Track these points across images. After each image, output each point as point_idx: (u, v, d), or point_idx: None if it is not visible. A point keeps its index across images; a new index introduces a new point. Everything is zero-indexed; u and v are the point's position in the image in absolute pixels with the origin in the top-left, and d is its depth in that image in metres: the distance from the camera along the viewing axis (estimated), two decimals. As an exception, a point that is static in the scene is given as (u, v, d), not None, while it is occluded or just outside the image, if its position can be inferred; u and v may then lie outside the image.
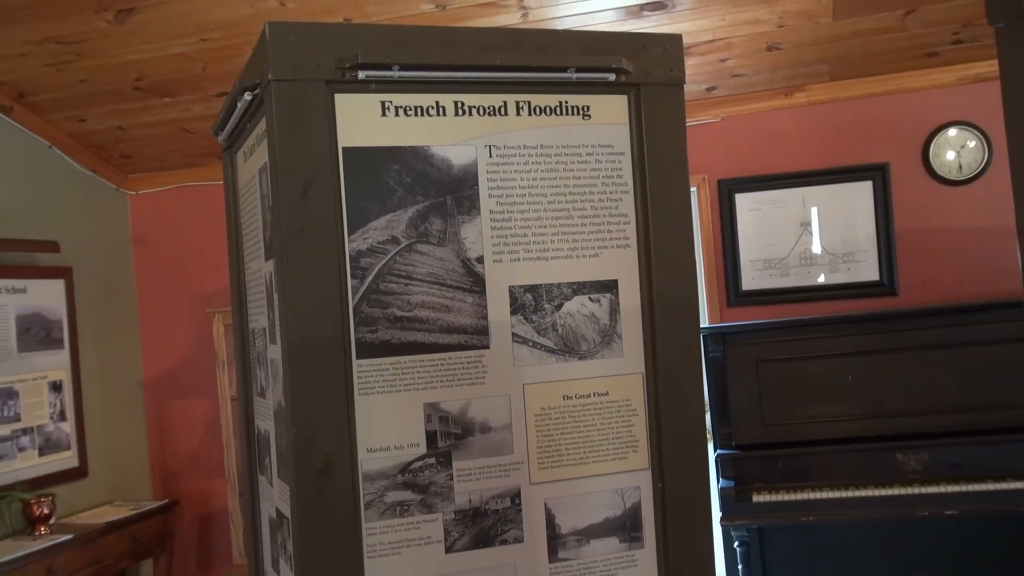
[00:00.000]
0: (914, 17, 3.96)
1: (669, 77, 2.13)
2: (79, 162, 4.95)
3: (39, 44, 3.98)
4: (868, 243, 4.50)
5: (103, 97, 4.44)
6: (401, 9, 3.78)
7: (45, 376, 4.58)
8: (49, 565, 4.02)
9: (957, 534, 3.92)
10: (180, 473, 5.22)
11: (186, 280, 5.20)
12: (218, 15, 3.80)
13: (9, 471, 4.31)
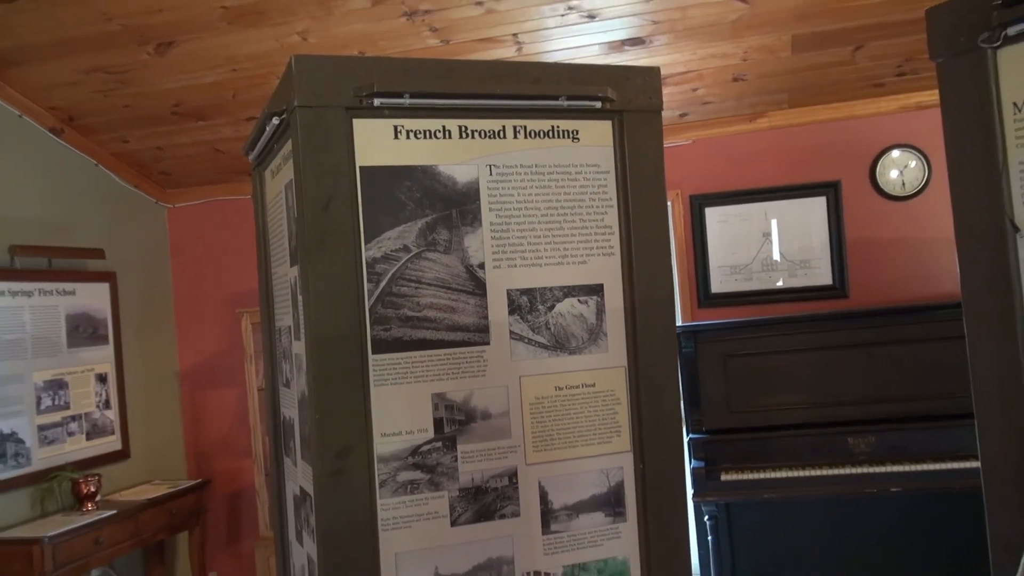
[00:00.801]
0: (863, 52, 3.96)
1: (649, 105, 2.13)
2: (122, 178, 4.93)
3: (88, 74, 3.97)
4: (822, 251, 4.50)
5: (144, 121, 4.43)
6: (409, 43, 3.78)
7: (92, 369, 4.56)
8: (96, 537, 4.01)
9: (900, 508, 3.91)
10: (212, 455, 5.20)
11: (217, 283, 5.18)
12: (247, 48, 3.79)
13: (60, 454, 4.30)
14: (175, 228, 5.30)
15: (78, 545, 3.91)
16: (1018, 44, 1.75)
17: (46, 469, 4.18)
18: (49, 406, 4.28)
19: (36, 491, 4.14)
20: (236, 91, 4.14)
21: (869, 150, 4.47)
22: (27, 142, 4.27)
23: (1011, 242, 1.78)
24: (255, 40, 3.72)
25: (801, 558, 4.03)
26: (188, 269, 5.25)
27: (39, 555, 3.70)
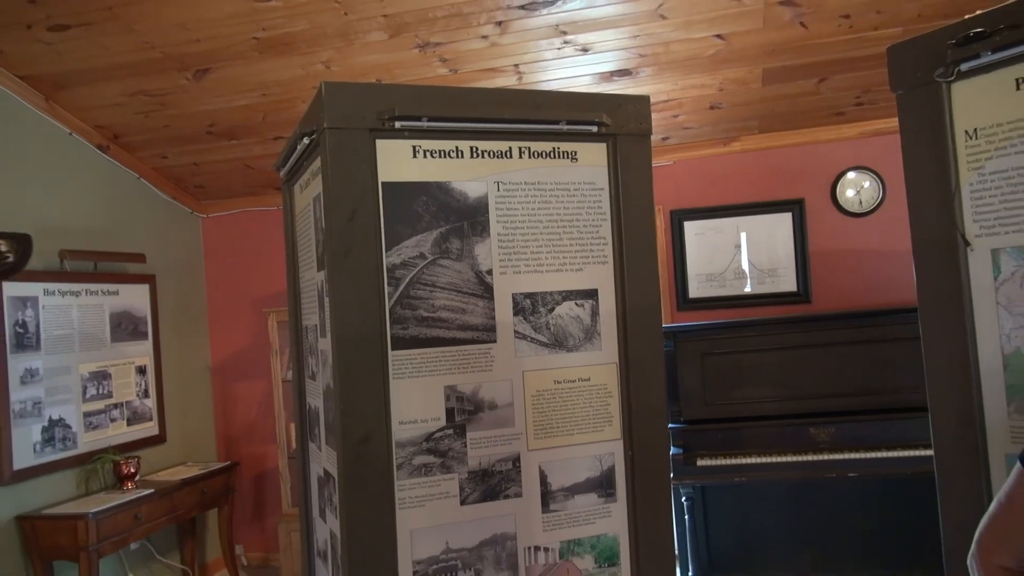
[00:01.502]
0: (826, 84, 3.98)
1: (639, 129, 2.13)
2: (161, 190, 4.92)
3: (131, 96, 3.96)
4: (788, 261, 4.50)
5: (182, 139, 4.41)
6: (421, 72, 3.77)
7: (132, 361, 4.54)
8: (135, 513, 3.98)
9: (857, 491, 3.90)
10: (239, 440, 5.18)
11: (246, 286, 5.17)
12: (275, 75, 3.78)
13: (103, 438, 4.27)
14: (208, 236, 5.29)
15: (119, 521, 3.89)
16: (970, 79, 1.76)
17: (90, 452, 4.16)
18: (94, 395, 4.25)
19: (81, 472, 4.12)
20: (265, 113, 4.14)
21: (830, 171, 4.47)
22: (76, 157, 4.26)
23: (962, 255, 1.78)
24: (283, 68, 3.72)
25: (769, 535, 4.02)
26: (220, 273, 5.24)
27: (84, 529, 3.68)
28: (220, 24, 3.36)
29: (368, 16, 3.35)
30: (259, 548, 5.19)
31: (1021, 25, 1.65)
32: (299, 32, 3.44)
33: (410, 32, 3.46)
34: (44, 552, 3.73)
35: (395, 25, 3.41)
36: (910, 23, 3.40)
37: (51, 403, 3.98)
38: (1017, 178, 1.69)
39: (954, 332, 1.78)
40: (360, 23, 3.39)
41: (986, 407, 1.75)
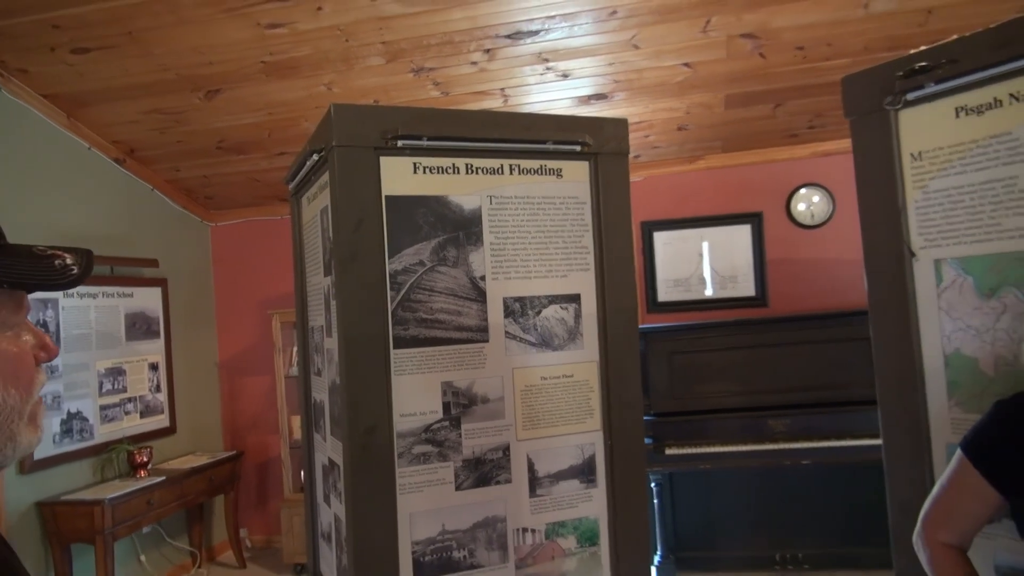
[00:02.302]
0: (782, 109, 4.03)
1: (618, 149, 2.15)
2: (174, 201, 4.88)
3: (147, 114, 3.93)
4: (747, 269, 4.54)
5: (193, 154, 4.39)
6: (416, 94, 3.78)
7: (145, 359, 4.50)
8: (148, 499, 3.95)
9: (810, 477, 3.95)
10: (244, 431, 5.15)
11: (252, 289, 5.14)
12: (281, 96, 3.77)
13: (118, 429, 4.23)
14: (217, 243, 5.25)
15: (133, 506, 3.86)
16: (915, 107, 1.79)
17: (106, 442, 4.12)
18: (109, 390, 4.21)
19: (97, 461, 4.07)
20: (271, 131, 4.12)
21: (785, 187, 4.52)
22: (95, 170, 4.22)
23: (908, 265, 1.81)
24: (288, 89, 3.71)
25: (730, 517, 4.06)
26: (227, 277, 5.20)
27: (100, 514, 3.65)
28: (231, 49, 3.35)
29: (367, 43, 3.35)
30: (262, 531, 5.15)
31: (959, 61, 1.69)
32: (303, 56, 3.44)
33: (406, 58, 3.47)
34: (63, 536, 3.69)
35: (392, 51, 3.41)
36: (857, 55, 3.45)
37: (70, 397, 3.94)
38: (956, 196, 1.73)
39: (901, 334, 1.81)
40: (360, 49, 3.39)
41: (929, 401, 1.78)
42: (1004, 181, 1.64)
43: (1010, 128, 1.62)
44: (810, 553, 3.92)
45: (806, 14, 3.17)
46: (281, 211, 5.10)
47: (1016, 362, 1.55)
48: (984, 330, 1.68)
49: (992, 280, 1.66)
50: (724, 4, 3.11)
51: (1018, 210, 1.62)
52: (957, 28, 3.05)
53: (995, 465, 1.42)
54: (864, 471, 3.71)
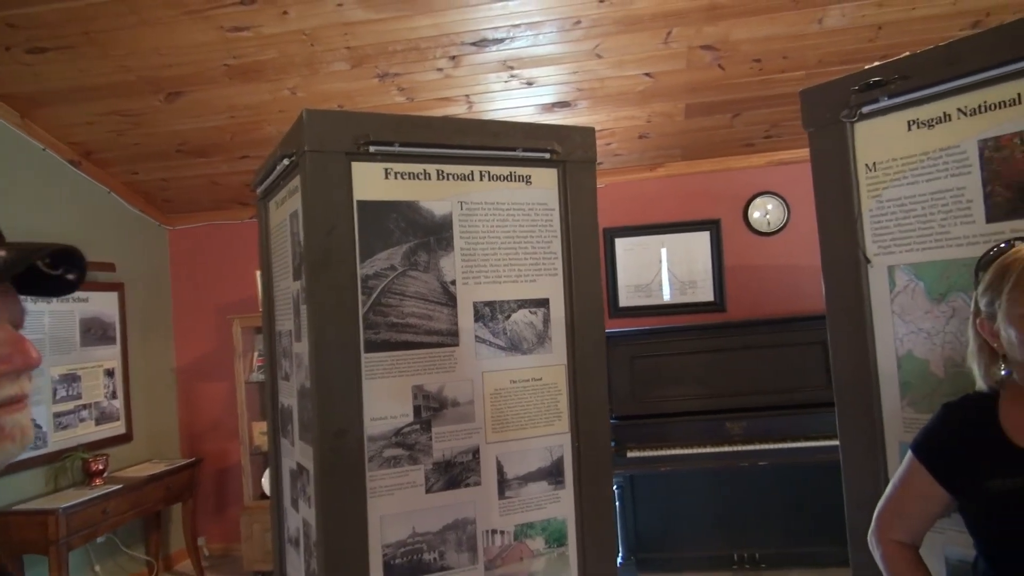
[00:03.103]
0: (739, 119, 4.12)
1: (585, 156, 2.20)
2: (131, 204, 4.78)
3: (105, 115, 3.86)
4: (706, 274, 4.61)
5: (152, 156, 4.31)
6: (380, 99, 3.78)
7: (101, 365, 4.40)
8: (103, 508, 3.86)
9: (767, 478, 4.00)
10: (203, 437, 5.05)
11: (211, 293, 5.05)
12: (244, 99, 3.74)
13: (72, 437, 4.13)
14: (175, 246, 5.15)
15: (88, 515, 3.76)
16: (870, 120, 1.87)
17: (60, 450, 4.02)
18: (64, 396, 4.11)
19: (51, 469, 3.97)
20: (233, 134, 4.08)
21: (742, 195, 4.60)
22: (49, 172, 4.12)
23: (863, 271, 1.88)
24: (252, 93, 3.68)
25: (690, 518, 4.10)
26: (185, 281, 5.11)
27: (54, 523, 3.56)
28: (194, 51, 3.31)
29: (333, 48, 3.35)
30: (221, 539, 5.06)
31: (911, 76, 1.77)
32: (268, 60, 3.41)
33: (371, 63, 3.48)
34: (15, 546, 3.58)
35: (357, 57, 3.41)
36: (812, 67, 3.56)
37: (22, 404, 3.83)
38: (909, 205, 1.80)
39: (857, 337, 1.88)
40: (325, 54, 3.39)
41: (883, 401, 1.86)
42: (952, 192, 1.72)
43: (958, 141, 1.71)
44: (767, 552, 3.99)
45: (763, 28, 3.26)
46: (242, 215, 5.03)
47: (963, 364, 1.63)
48: (934, 333, 1.76)
49: (942, 285, 1.74)
50: (685, 16, 3.18)
51: (965, 219, 1.70)
52: (906, 44, 3.18)
53: (943, 465, 1.49)
54: (819, 471, 3.80)
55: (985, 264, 1.45)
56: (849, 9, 3.13)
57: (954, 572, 1.74)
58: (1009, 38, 1.61)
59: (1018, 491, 1.33)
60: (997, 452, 1.40)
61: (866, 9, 3.13)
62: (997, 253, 1.43)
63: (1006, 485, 1.35)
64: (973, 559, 1.50)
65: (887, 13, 3.15)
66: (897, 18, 3.19)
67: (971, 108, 1.69)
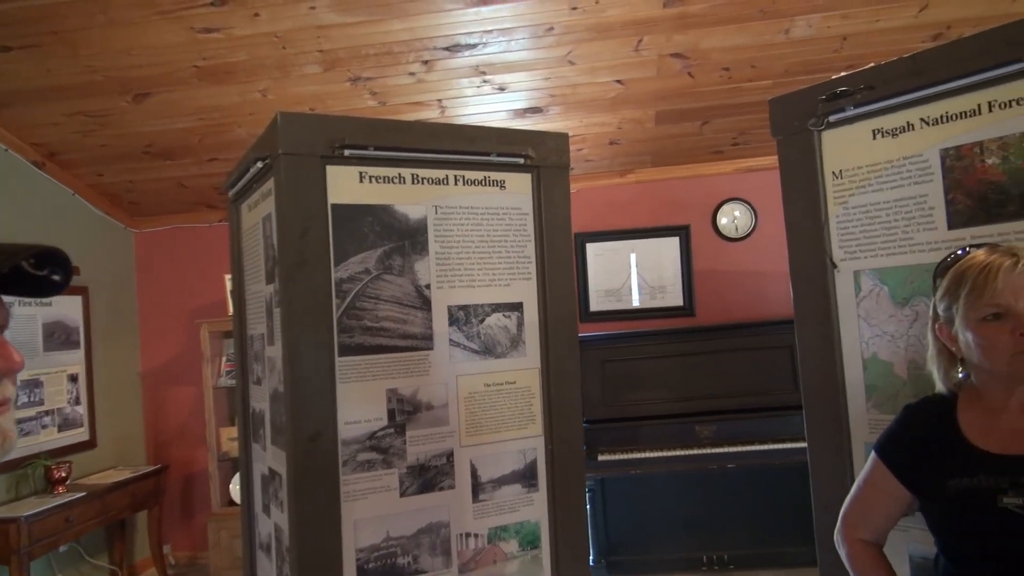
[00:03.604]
0: (708, 127, 4.18)
1: (559, 162, 2.22)
2: (96, 206, 4.70)
3: (71, 116, 3.79)
4: (675, 279, 4.65)
5: (118, 158, 4.25)
6: (352, 103, 3.77)
7: (64, 369, 4.32)
8: (67, 516, 3.79)
9: (736, 480, 4.05)
10: (169, 444, 4.97)
11: (178, 297, 4.98)
12: (213, 101, 3.70)
13: (35, 443, 4.04)
14: (141, 250, 5.08)
15: (51, 523, 3.69)
16: (836, 128, 1.92)
17: (22, 458, 3.93)
18: (26, 402, 4.02)
19: (12, 477, 3.88)
20: (202, 136, 4.04)
21: (711, 201, 4.65)
22: (12, 173, 4.04)
23: (830, 276, 1.93)
24: (222, 95, 3.65)
25: (660, 520, 4.14)
26: (152, 285, 5.03)
27: (15, 532, 3.48)
28: (163, 52, 3.28)
29: (305, 51, 3.33)
30: (187, 547, 4.99)
31: (876, 87, 1.82)
32: (239, 62, 3.39)
33: (343, 67, 3.47)
34: (-26, 556, 3.50)
35: (330, 60, 3.41)
36: (779, 77, 3.63)
37: (-18, 410, 3.75)
38: (874, 212, 1.86)
39: (824, 340, 1.93)
40: (297, 56, 3.37)
41: (849, 403, 1.90)
42: (915, 199, 1.77)
43: (921, 150, 1.76)
44: (736, 553, 4.04)
45: (732, 37, 3.32)
46: (210, 218, 4.98)
47: (926, 366, 1.67)
48: (898, 336, 1.81)
49: (905, 290, 1.80)
50: (655, 25, 3.23)
51: (928, 226, 1.75)
52: (869, 55, 3.26)
53: (905, 465, 1.54)
54: (786, 473, 3.86)
55: (942, 270, 1.50)
56: (815, 20, 3.20)
57: (917, 569, 1.79)
58: (970, 51, 1.67)
59: (976, 490, 1.38)
60: (956, 452, 1.44)
61: (831, 20, 3.20)
62: (954, 260, 1.48)
63: (964, 484, 1.40)
64: (934, 556, 1.54)
65: (851, 24, 3.23)
66: (861, 29, 3.27)
67: (933, 118, 1.74)
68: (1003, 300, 1.34)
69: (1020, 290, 1.34)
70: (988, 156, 1.66)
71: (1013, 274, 1.34)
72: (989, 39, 1.65)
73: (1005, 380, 1.39)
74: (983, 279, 1.36)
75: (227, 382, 4.51)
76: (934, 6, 3.13)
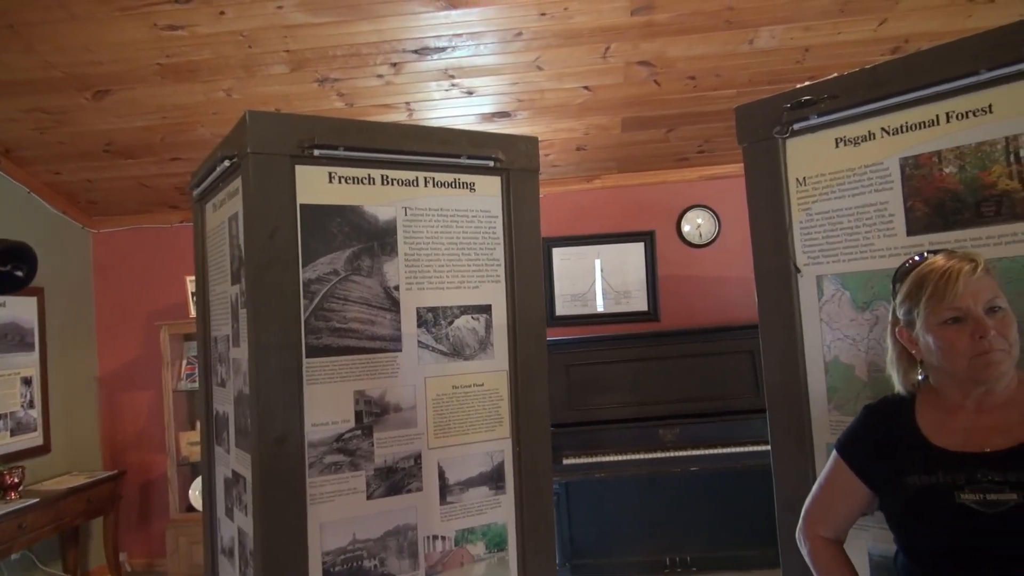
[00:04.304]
0: (673, 134, 4.23)
1: (529, 165, 2.23)
2: (53, 205, 4.59)
3: (28, 112, 3.70)
4: (640, 285, 4.69)
5: (77, 156, 4.15)
6: (319, 104, 3.74)
7: (18, 372, 4.20)
8: (19, 523, 3.68)
9: (698, 483, 4.10)
10: (127, 449, 4.86)
11: (137, 299, 4.88)
12: (176, 99, 3.64)
13: (-15, 448, 3.93)
14: (99, 250, 4.96)
15: (2, 530, 3.58)
16: (801, 136, 1.96)
17: (-29, 463, 3.82)
18: (-24, 406, 3.91)
19: (-39, 483, 3.77)
20: (164, 135, 3.96)
21: (676, 208, 4.70)
22: (-36, 170, 3.93)
23: (794, 280, 1.97)
24: (185, 93, 3.59)
25: (623, 525, 4.16)
26: (110, 286, 4.92)
27: (-36, 540, 3.38)
28: (125, 48, 3.22)
29: (271, 50, 3.30)
30: (144, 554, 4.87)
31: (839, 96, 1.87)
32: (203, 60, 3.34)
33: (310, 67, 3.44)
34: (-80, 565, 3.38)
35: (297, 60, 3.38)
36: (743, 86, 3.70)
37: (-70, 414, 3.63)
38: (836, 218, 1.90)
39: (787, 344, 1.96)
40: (263, 56, 3.34)
41: (811, 405, 1.94)
42: (876, 206, 1.82)
43: (882, 159, 1.81)
44: (698, 556, 4.08)
45: (698, 46, 3.37)
46: (171, 219, 4.89)
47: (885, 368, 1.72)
48: (859, 339, 1.85)
49: (866, 295, 1.84)
50: (622, 32, 3.26)
51: (888, 232, 1.80)
52: (831, 67, 3.34)
53: (865, 463, 1.58)
54: (748, 476, 3.90)
55: (901, 275, 1.54)
56: (778, 31, 3.27)
57: (876, 568, 1.83)
58: (928, 64, 1.72)
59: (934, 486, 1.42)
60: (915, 451, 1.49)
61: (794, 32, 3.27)
62: (912, 265, 1.52)
63: (922, 481, 1.44)
64: (894, 554, 1.58)
65: (813, 36, 3.31)
66: (823, 41, 3.34)
67: (894, 128, 1.79)
68: (963, 304, 1.39)
69: (979, 295, 1.39)
70: (946, 165, 1.72)
71: (972, 279, 1.39)
72: (946, 52, 1.71)
73: (963, 381, 1.44)
74: (944, 284, 1.40)
75: (187, 385, 4.43)
76: (893, 20, 3.21)
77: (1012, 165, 1.63)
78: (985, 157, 1.66)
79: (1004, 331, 1.38)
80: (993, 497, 1.35)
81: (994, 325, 1.37)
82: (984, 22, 3.12)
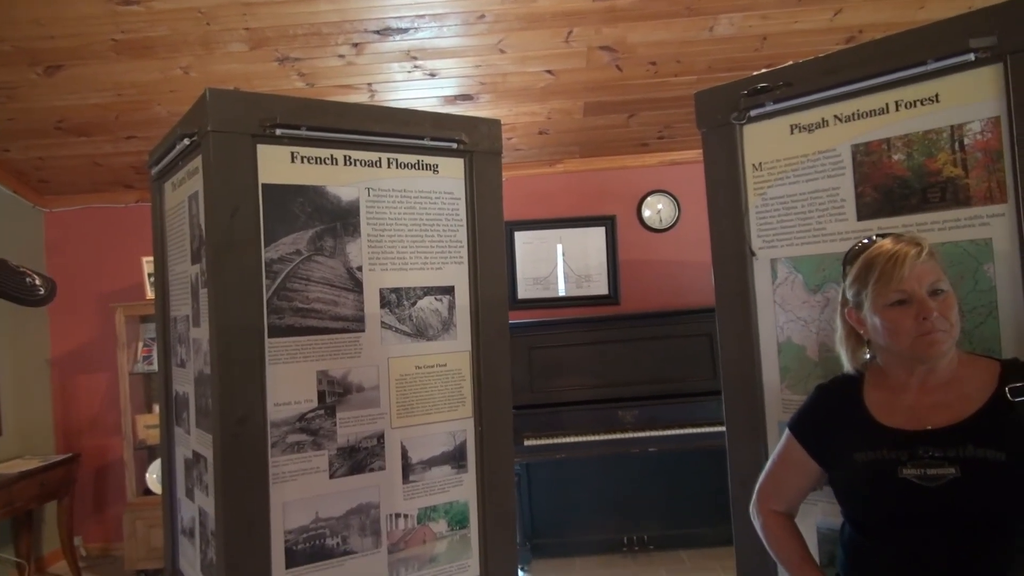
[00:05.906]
0: (635, 120, 4.28)
1: (491, 148, 2.24)
2: (2, 184, 4.46)
3: (-26, 87, 3.59)
4: (601, 269, 4.75)
5: (27, 133, 4.04)
6: (279, 84, 3.69)
7: (-34, 355, 4.10)
8: (-31, 507, 3.61)
9: (656, 463, 4.18)
10: (81, 432, 4.78)
11: (91, 280, 4.77)
12: (132, 76, 3.56)
13: (-68, 432, 3.83)
14: (51, 230, 4.84)
15: (-49, 515, 3.51)
16: (757, 123, 2.00)
17: (-82, 447, 3.72)
18: (-78, 389, 3.80)
19: (-93, 467, 3.67)
20: (119, 113, 3.88)
21: (636, 193, 4.76)
22: (-93, 145, 3.79)
23: (749, 263, 2.02)
24: (141, 70, 3.51)
25: (582, 504, 4.23)
26: (63, 267, 4.79)
27: (-88, 525, 3.30)
28: (78, 23, 3.13)
29: (230, 28, 3.24)
30: (99, 539, 4.81)
31: (794, 84, 1.91)
32: (159, 37, 3.27)
33: (270, 46, 3.39)
34: None
35: (256, 39, 3.33)
36: (702, 72, 3.75)
37: None
38: (790, 203, 1.95)
39: (743, 325, 2.02)
40: (222, 33, 3.28)
41: (764, 385, 2.00)
42: (828, 191, 1.88)
43: (834, 145, 1.86)
44: (655, 535, 4.17)
45: (658, 32, 3.40)
46: (126, 198, 4.79)
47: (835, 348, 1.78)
48: (811, 321, 1.91)
49: (818, 278, 1.90)
50: (585, 17, 3.28)
51: (839, 216, 1.86)
52: (788, 55, 3.40)
53: (815, 440, 1.64)
54: (704, 457, 4.00)
55: (851, 258, 1.60)
56: (737, 19, 3.32)
57: (823, 540, 1.90)
58: (879, 53, 1.77)
59: (880, 461, 1.48)
60: (862, 427, 1.55)
61: (752, 20, 3.33)
62: (861, 248, 1.58)
63: (869, 457, 1.50)
64: (840, 526, 1.65)
65: (771, 25, 3.36)
66: (780, 30, 3.40)
67: (846, 115, 1.85)
68: (908, 287, 1.45)
69: (923, 278, 1.45)
70: (894, 152, 1.77)
71: (918, 263, 1.45)
72: (896, 43, 1.76)
73: (907, 360, 1.50)
74: (891, 267, 1.46)
75: (144, 368, 4.36)
76: (847, 11, 3.29)
77: (956, 153, 1.69)
78: (931, 145, 1.72)
79: (946, 312, 1.44)
80: (933, 472, 1.41)
81: (937, 307, 1.43)
82: (935, 14, 3.20)
